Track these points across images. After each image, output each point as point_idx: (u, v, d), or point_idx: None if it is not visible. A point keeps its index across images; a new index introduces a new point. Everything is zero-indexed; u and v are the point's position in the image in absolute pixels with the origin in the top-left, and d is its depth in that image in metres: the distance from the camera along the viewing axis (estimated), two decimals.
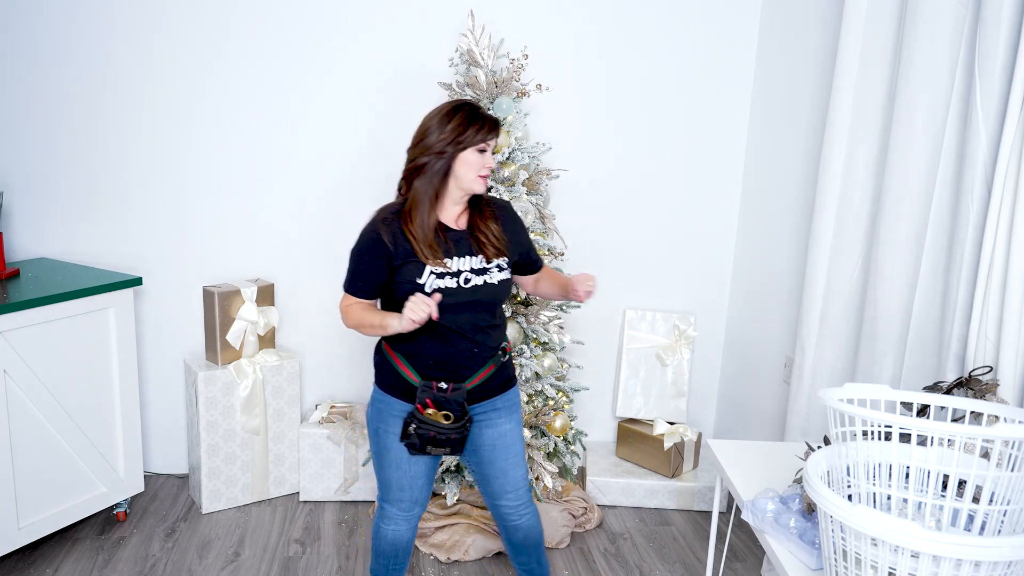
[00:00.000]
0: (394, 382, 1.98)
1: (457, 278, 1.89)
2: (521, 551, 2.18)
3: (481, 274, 1.92)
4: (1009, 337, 1.79)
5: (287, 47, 2.95)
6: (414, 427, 1.90)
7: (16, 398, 2.40)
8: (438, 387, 1.91)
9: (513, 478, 2.08)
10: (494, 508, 2.13)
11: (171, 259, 3.04)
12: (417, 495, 2.06)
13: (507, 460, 2.05)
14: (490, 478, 2.07)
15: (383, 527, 2.10)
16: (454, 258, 1.90)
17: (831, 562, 1.32)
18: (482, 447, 2.04)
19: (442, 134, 1.88)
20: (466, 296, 1.90)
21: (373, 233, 1.91)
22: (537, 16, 3.01)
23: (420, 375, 1.94)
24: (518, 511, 2.11)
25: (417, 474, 2.03)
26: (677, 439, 3.08)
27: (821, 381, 2.46)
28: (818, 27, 2.67)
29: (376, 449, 2.04)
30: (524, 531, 2.14)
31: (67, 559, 2.60)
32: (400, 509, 2.07)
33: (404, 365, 1.95)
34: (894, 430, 1.32)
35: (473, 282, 1.91)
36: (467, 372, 1.95)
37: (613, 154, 3.18)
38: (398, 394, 1.97)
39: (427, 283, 1.87)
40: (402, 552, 2.13)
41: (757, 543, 2.84)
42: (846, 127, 2.32)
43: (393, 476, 2.03)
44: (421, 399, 1.90)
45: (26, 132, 2.88)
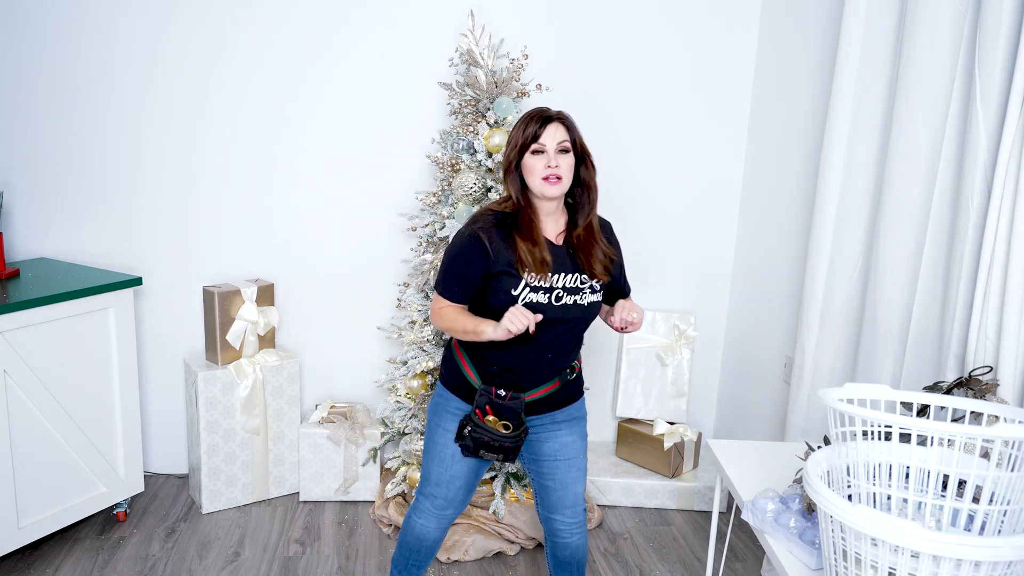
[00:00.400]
0: (455, 380, 1.97)
1: (550, 294, 1.84)
2: (564, 569, 2.14)
3: (574, 293, 1.87)
4: (1009, 337, 1.79)
5: (288, 47, 2.95)
6: (469, 430, 1.89)
7: (16, 398, 2.40)
8: (497, 394, 1.88)
9: (573, 494, 2.03)
10: (547, 521, 2.09)
11: (171, 259, 3.04)
12: (453, 495, 2.04)
13: (568, 473, 2.01)
14: (549, 490, 2.04)
15: (413, 518, 2.09)
16: (551, 274, 1.85)
17: (831, 562, 1.32)
18: (543, 457, 2.01)
19: (511, 142, 1.85)
20: (554, 313, 1.85)
21: (473, 238, 1.85)
22: (537, 16, 3.01)
23: (482, 379, 1.92)
24: (572, 529, 2.07)
25: (457, 474, 2.01)
26: (677, 439, 3.08)
27: (821, 381, 2.46)
28: (818, 27, 2.67)
29: (427, 441, 2.04)
30: (572, 550, 2.09)
31: (67, 559, 2.60)
32: (433, 505, 2.05)
33: (468, 366, 1.94)
34: (894, 430, 1.32)
35: (564, 300, 1.86)
36: (529, 384, 1.92)
37: (613, 154, 3.17)
38: (457, 392, 1.97)
39: (521, 296, 1.83)
40: (425, 549, 2.12)
41: (757, 543, 2.84)
42: (846, 127, 2.32)
43: (434, 470, 2.02)
44: (480, 404, 1.88)
45: (26, 132, 2.88)
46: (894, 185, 2.13)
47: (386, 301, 3.13)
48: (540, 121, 1.83)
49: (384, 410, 3.00)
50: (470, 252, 1.85)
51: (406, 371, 2.82)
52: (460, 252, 1.86)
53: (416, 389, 2.84)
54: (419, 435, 2.82)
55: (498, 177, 2.69)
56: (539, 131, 1.82)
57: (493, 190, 2.68)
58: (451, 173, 2.74)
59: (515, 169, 1.86)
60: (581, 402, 2.06)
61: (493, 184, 2.69)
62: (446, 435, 1.97)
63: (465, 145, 2.71)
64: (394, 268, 3.09)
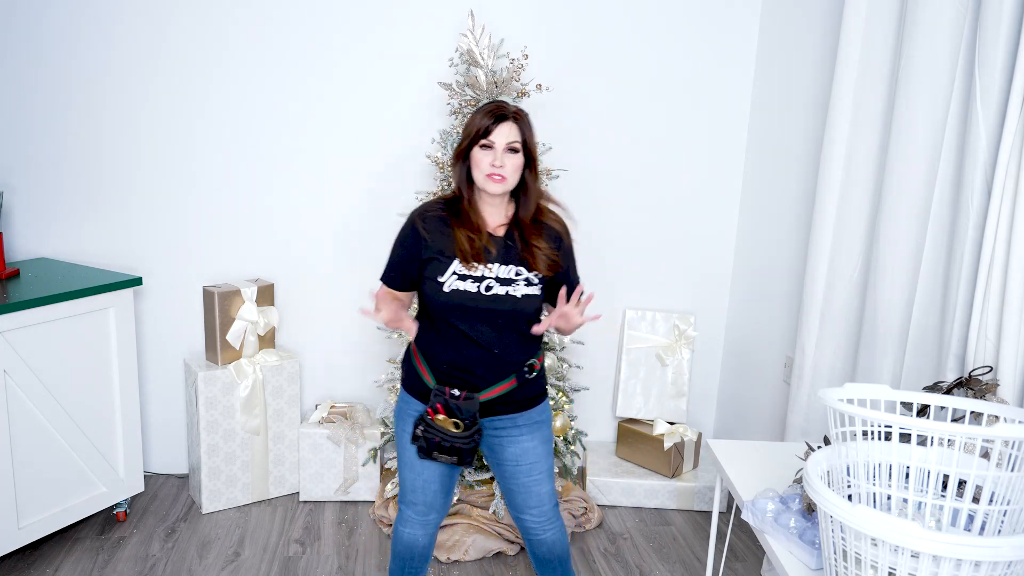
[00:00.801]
0: (412, 382, 1.97)
1: (479, 283, 1.84)
2: (546, 566, 2.13)
3: (506, 284, 1.86)
4: (1009, 337, 1.79)
5: (288, 48, 2.95)
6: (421, 430, 1.88)
7: (16, 398, 2.40)
8: (451, 393, 1.86)
9: (536, 494, 2.02)
10: (517, 520, 2.09)
11: (171, 259, 3.04)
12: (431, 500, 2.03)
13: (529, 477, 2.00)
14: (512, 492, 2.03)
15: (400, 528, 2.08)
16: (484, 264, 1.85)
17: (831, 562, 1.32)
18: (505, 462, 2.00)
19: (463, 135, 1.86)
20: (485, 303, 1.84)
21: (411, 225, 1.90)
22: (537, 16, 3.01)
23: (436, 379, 1.91)
24: (542, 526, 2.05)
25: (430, 479, 1.99)
26: (677, 439, 3.08)
27: (821, 381, 2.45)
28: (818, 27, 2.67)
29: (396, 448, 2.03)
30: (548, 545, 2.08)
31: (67, 559, 2.60)
32: (415, 512, 2.04)
33: (423, 366, 1.93)
34: (894, 430, 1.32)
35: (495, 291, 1.85)
36: (483, 383, 1.90)
37: (613, 154, 3.18)
38: (415, 394, 1.96)
39: (447, 282, 1.84)
40: (418, 557, 2.11)
41: (757, 543, 2.84)
42: (846, 127, 2.32)
43: (407, 477, 2.01)
44: (433, 403, 1.87)
45: (27, 132, 2.88)
46: (894, 185, 2.13)
47: None
48: (494, 117, 1.81)
49: (384, 410, 3.00)
50: (405, 238, 1.90)
51: None
52: (398, 238, 1.93)
53: None
54: None
55: None
56: (491, 127, 1.81)
57: None
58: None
59: (463, 160, 1.86)
60: (544, 405, 2.02)
61: None
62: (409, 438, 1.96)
63: None
64: None
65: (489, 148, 1.82)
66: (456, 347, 1.87)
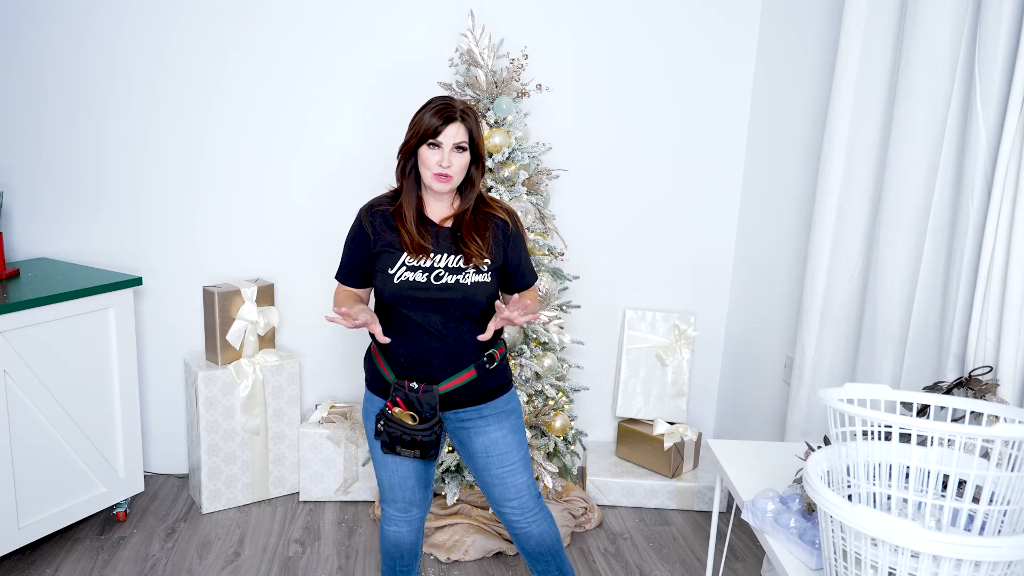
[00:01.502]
0: (374, 379, 1.98)
1: (429, 274, 1.86)
2: (538, 559, 2.09)
3: (456, 273, 1.88)
4: (1009, 337, 1.79)
5: (287, 48, 2.95)
6: (382, 424, 1.89)
7: (16, 398, 2.40)
8: (410, 386, 1.87)
9: (513, 485, 2.00)
10: (500, 515, 2.07)
11: (171, 259, 3.04)
12: (411, 496, 2.03)
13: (502, 467, 1.99)
14: (488, 486, 2.02)
15: (385, 528, 2.09)
16: (431, 254, 1.88)
17: (831, 562, 1.32)
18: (475, 455, 2.00)
19: (409, 130, 1.87)
20: (435, 293, 1.85)
21: (358, 221, 1.94)
22: (537, 16, 3.01)
23: (395, 373, 1.91)
24: (524, 518, 2.03)
25: (405, 475, 2.00)
26: (677, 439, 3.08)
27: (821, 381, 2.46)
28: (818, 26, 2.67)
29: (370, 450, 2.04)
30: (536, 538, 2.05)
31: (67, 559, 2.60)
32: (396, 510, 2.05)
33: (382, 361, 1.94)
34: (894, 430, 1.32)
35: (444, 280, 1.87)
36: (440, 374, 1.89)
37: (613, 154, 3.18)
38: (378, 392, 1.97)
39: (396, 273, 1.86)
40: (407, 554, 2.11)
41: (757, 543, 2.84)
42: (846, 127, 2.32)
43: (383, 475, 2.02)
44: (392, 397, 1.88)
45: (27, 132, 2.88)
46: (894, 185, 2.13)
47: None
48: (443, 119, 1.82)
49: None
50: (354, 233, 1.94)
51: None
52: (348, 235, 1.97)
53: None
54: None
55: (498, 177, 2.70)
56: (440, 128, 1.82)
57: (493, 189, 2.68)
58: None
59: (407, 155, 1.88)
60: (510, 394, 2.02)
61: (493, 184, 2.69)
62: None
63: None
64: None
65: (437, 147, 1.83)
66: (411, 339, 1.89)
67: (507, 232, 1.94)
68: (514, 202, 2.68)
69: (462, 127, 1.84)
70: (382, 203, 1.95)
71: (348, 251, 1.96)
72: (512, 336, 2.72)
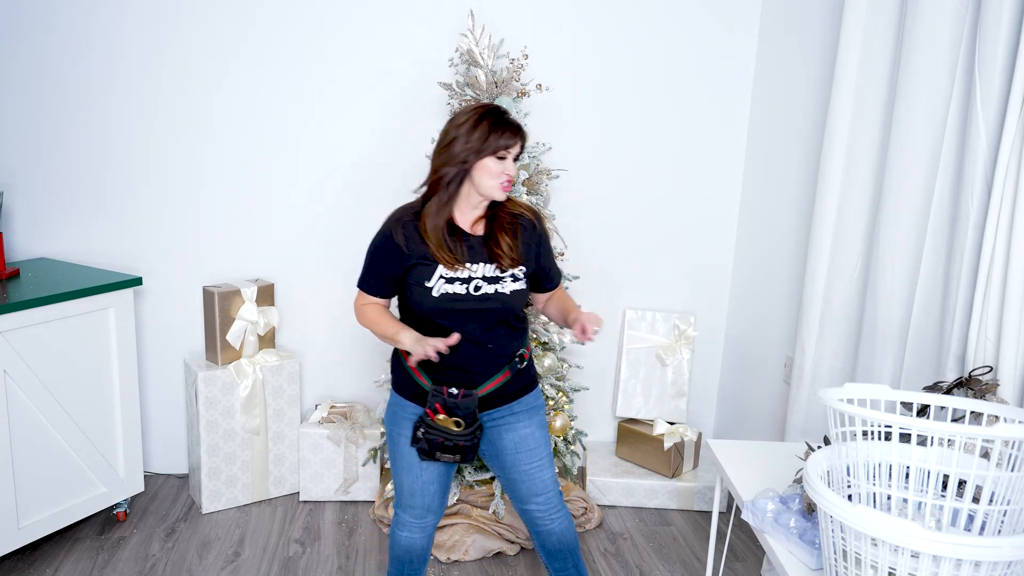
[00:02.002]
0: (406, 385, 1.97)
1: (467, 284, 1.86)
2: (556, 557, 2.12)
3: (494, 282, 1.88)
4: (1009, 337, 1.79)
5: (287, 48, 2.95)
6: (422, 432, 1.89)
7: (16, 398, 2.40)
8: (449, 392, 1.87)
9: (540, 481, 2.02)
10: (524, 513, 2.08)
11: (171, 259, 3.04)
12: (430, 502, 2.03)
13: (531, 463, 2.01)
14: (516, 482, 2.03)
15: (397, 532, 2.08)
16: (467, 264, 1.87)
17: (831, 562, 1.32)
18: (504, 452, 2.00)
19: (467, 143, 1.82)
20: (474, 303, 1.86)
21: (387, 232, 1.90)
22: (537, 16, 3.01)
23: (431, 379, 1.91)
24: (549, 515, 2.06)
25: (429, 480, 2.00)
26: (677, 439, 3.08)
27: (821, 381, 2.46)
28: (818, 27, 2.67)
29: (390, 452, 2.02)
30: (557, 535, 2.08)
31: (67, 559, 2.60)
32: (412, 516, 2.04)
33: (416, 368, 1.93)
34: (894, 430, 1.32)
35: (484, 290, 1.87)
36: (479, 379, 1.92)
37: (613, 154, 3.18)
38: (410, 397, 1.96)
39: (435, 287, 1.85)
40: (417, 559, 2.11)
41: (757, 543, 2.84)
42: (846, 127, 2.32)
43: (405, 481, 2.01)
44: (431, 404, 1.88)
45: (27, 132, 2.88)
46: (894, 185, 2.13)
47: None
48: (514, 138, 1.84)
49: (384, 410, 3.00)
50: (383, 246, 1.90)
51: None
52: (375, 246, 1.92)
53: None
54: None
55: None
56: (511, 144, 1.84)
57: None
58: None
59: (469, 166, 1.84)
60: (536, 392, 2.05)
61: None
62: (407, 443, 1.96)
63: None
64: None
65: (503, 159, 1.84)
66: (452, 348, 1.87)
67: (535, 233, 1.97)
68: None
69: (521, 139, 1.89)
70: (408, 214, 1.91)
71: (375, 261, 1.91)
72: None
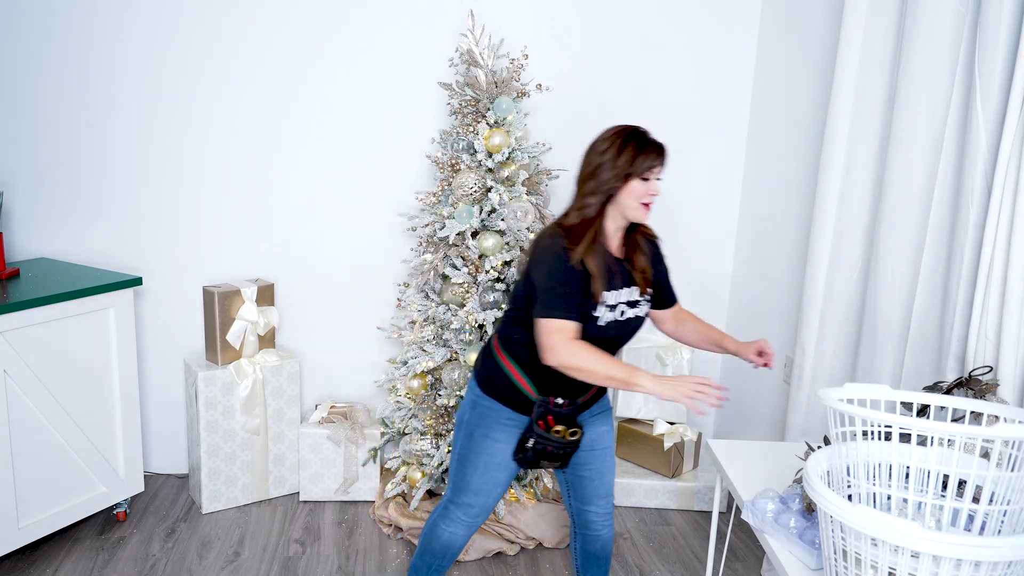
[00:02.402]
0: (507, 392, 1.93)
1: (615, 311, 1.83)
2: (594, 563, 2.15)
3: (633, 307, 1.88)
4: (1009, 337, 1.79)
5: (287, 48, 2.95)
6: (533, 442, 1.88)
7: (16, 398, 2.40)
8: (555, 403, 1.87)
9: (607, 483, 2.07)
10: (580, 514, 2.10)
11: (171, 259, 3.04)
12: (490, 504, 2.03)
13: (604, 463, 2.04)
14: (585, 480, 2.05)
15: (442, 527, 2.06)
16: (615, 290, 1.84)
17: (831, 562, 1.32)
18: (580, 449, 2.00)
19: (614, 169, 1.79)
20: (616, 330, 1.85)
21: (565, 258, 1.76)
22: (537, 16, 3.01)
23: (538, 390, 1.90)
24: (604, 520, 2.10)
25: (499, 482, 2.00)
26: (677, 439, 3.08)
27: (821, 381, 2.46)
28: (818, 28, 2.67)
29: (464, 450, 1.99)
30: (603, 542, 2.12)
31: (67, 559, 2.60)
32: (467, 514, 2.03)
33: (522, 378, 1.90)
34: (894, 430, 1.32)
35: (627, 315, 1.86)
36: (583, 389, 1.92)
37: None
38: (508, 403, 1.94)
39: (601, 316, 1.81)
40: (450, 556, 2.12)
41: (757, 543, 2.84)
42: (846, 127, 2.32)
43: (474, 480, 1.98)
44: (542, 415, 1.87)
45: (27, 132, 2.88)
46: (894, 185, 2.13)
47: (386, 301, 3.13)
48: (659, 158, 1.83)
49: (384, 410, 3.00)
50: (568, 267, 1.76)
51: (406, 371, 2.82)
52: (565, 273, 1.75)
53: (416, 389, 2.84)
54: (419, 435, 2.82)
55: (498, 177, 2.70)
56: (655, 165, 1.83)
57: (493, 190, 2.68)
58: (451, 173, 2.74)
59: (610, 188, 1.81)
60: (607, 395, 2.09)
61: (493, 184, 2.69)
62: (494, 445, 1.94)
63: (465, 145, 2.72)
64: (394, 268, 3.09)
65: (647, 180, 1.83)
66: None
67: (657, 250, 1.99)
68: (514, 202, 2.69)
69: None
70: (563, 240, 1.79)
71: (569, 284, 1.75)
72: None
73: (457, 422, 2.03)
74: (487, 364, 1.98)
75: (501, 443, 1.94)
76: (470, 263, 2.71)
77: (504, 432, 1.94)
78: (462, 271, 2.69)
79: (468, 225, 2.66)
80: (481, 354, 2.02)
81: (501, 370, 1.94)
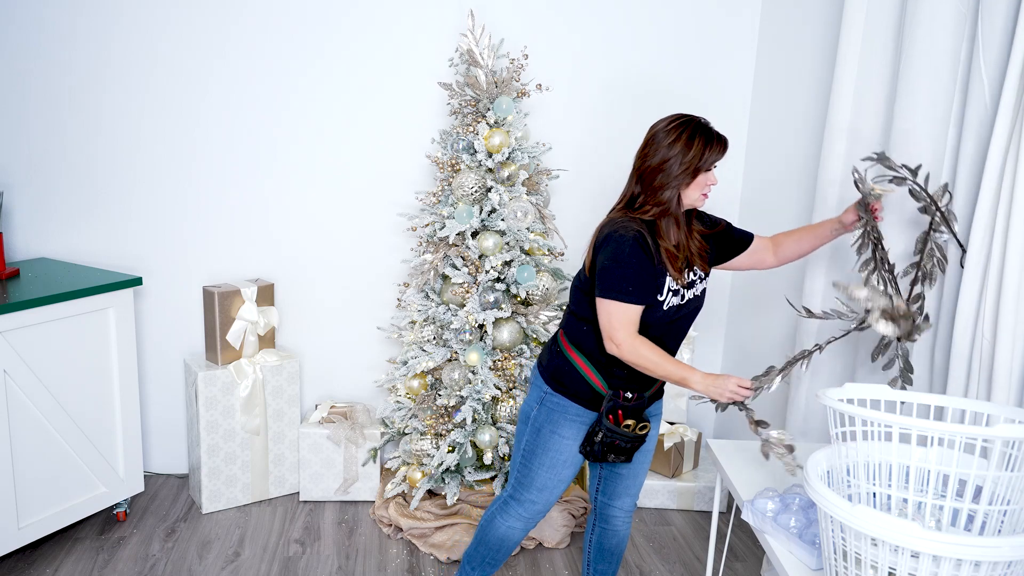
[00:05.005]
0: (577, 388, 1.94)
1: (679, 294, 1.87)
2: (607, 559, 2.19)
3: (691, 288, 1.90)
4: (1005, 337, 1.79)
5: (287, 48, 2.95)
6: (601, 436, 1.89)
7: (16, 398, 2.40)
8: (624, 397, 1.88)
9: (640, 483, 2.11)
10: (605, 507, 2.13)
11: (171, 259, 3.04)
12: (551, 501, 2.05)
13: (642, 464, 2.08)
14: (620, 477, 2.08)
15: (499, 521, 2.09)
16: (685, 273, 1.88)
17: (831, 562, 1.32)
18: None
19: (683, 164, 1.82)
20: (680, 312, 1.88)
21: (640, 244, 1.79)
22: (537, 16, 3.01)
23: (608, 384, 1.91)
24: (627, 517, 2.15)
25: (565, 478, 2.01)
26: (677, 439, 3.08)
27: (821, 381, 2.46)
28: (818, 26, 2.67)
29: (532, 447, 1.99)
30: (620, 538, 2.17)
31: (67, 559, 2.60)
32: (527, 511, 2.05)
33: (593, 374, 1.92)
34: (894, 430, 1.33)
35: (687, 296, 1.89)
36: (649, 383, 1.94)
37: (612, 154, 3.17)
38: (578, 400, 1.94)
39: (665, 300, 1.84)
40: (505, 550, 2.15)
41: (757, 543, 2.84)
42: (846, 126, 2.32)
43: (540, 476, 2.00)
44: (611, 409, 1.88)
45: (27, 132, 2.88)
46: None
47: (386, 301, 3.14)
48: (725, 150, 1.87)
49: (384, 410, 3.00)
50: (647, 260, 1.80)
51: (406, 371, 2.82)
52: (637, 259, 1.78)
53: (416, 389, 2.84)
54: (419, 435, 2.82)
55: (498, 177, 2.70)
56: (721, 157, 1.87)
57: (493, 190, 2.68)
58: (451, 173, 2.74)
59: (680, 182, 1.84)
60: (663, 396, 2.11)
61: (493, 184, 2.69)
62: (562, 442, 1.96)
63: (465, 145, 2.72)
64: (394, 268, 3.09)
65: (709, 171, 1.87)
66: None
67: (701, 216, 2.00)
68: (514, 202, 2.69)
69: None
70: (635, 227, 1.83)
71: (641, 270, 1.78)
72: (512, 336, 2.72)
73: (522, 417, 2.03)
74: (556, 360, 1.98)
75: (569, 440, 1.96)
76: (470, 263, 2.71)
77: (572, 428, 1.95)
78: (462, 271, 2.69)
79: (468, 225, 2.66)
80: (547, 350, 2.03)
81: (571, 366, 1.94)
